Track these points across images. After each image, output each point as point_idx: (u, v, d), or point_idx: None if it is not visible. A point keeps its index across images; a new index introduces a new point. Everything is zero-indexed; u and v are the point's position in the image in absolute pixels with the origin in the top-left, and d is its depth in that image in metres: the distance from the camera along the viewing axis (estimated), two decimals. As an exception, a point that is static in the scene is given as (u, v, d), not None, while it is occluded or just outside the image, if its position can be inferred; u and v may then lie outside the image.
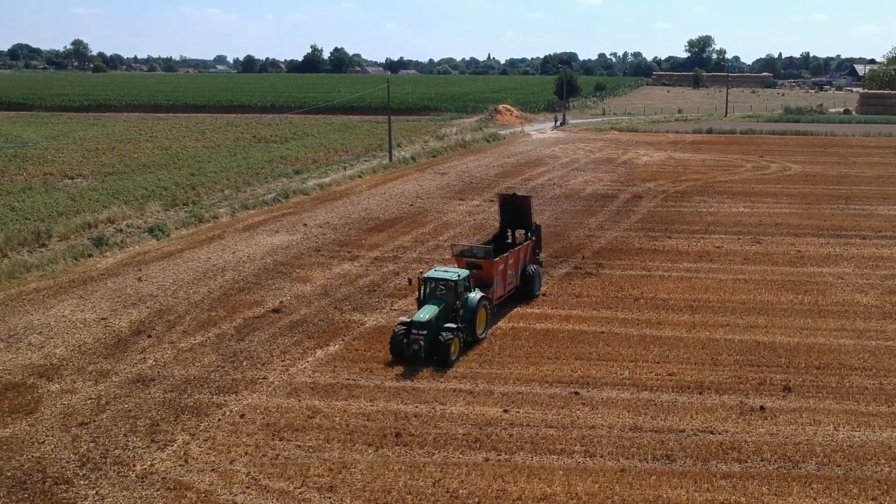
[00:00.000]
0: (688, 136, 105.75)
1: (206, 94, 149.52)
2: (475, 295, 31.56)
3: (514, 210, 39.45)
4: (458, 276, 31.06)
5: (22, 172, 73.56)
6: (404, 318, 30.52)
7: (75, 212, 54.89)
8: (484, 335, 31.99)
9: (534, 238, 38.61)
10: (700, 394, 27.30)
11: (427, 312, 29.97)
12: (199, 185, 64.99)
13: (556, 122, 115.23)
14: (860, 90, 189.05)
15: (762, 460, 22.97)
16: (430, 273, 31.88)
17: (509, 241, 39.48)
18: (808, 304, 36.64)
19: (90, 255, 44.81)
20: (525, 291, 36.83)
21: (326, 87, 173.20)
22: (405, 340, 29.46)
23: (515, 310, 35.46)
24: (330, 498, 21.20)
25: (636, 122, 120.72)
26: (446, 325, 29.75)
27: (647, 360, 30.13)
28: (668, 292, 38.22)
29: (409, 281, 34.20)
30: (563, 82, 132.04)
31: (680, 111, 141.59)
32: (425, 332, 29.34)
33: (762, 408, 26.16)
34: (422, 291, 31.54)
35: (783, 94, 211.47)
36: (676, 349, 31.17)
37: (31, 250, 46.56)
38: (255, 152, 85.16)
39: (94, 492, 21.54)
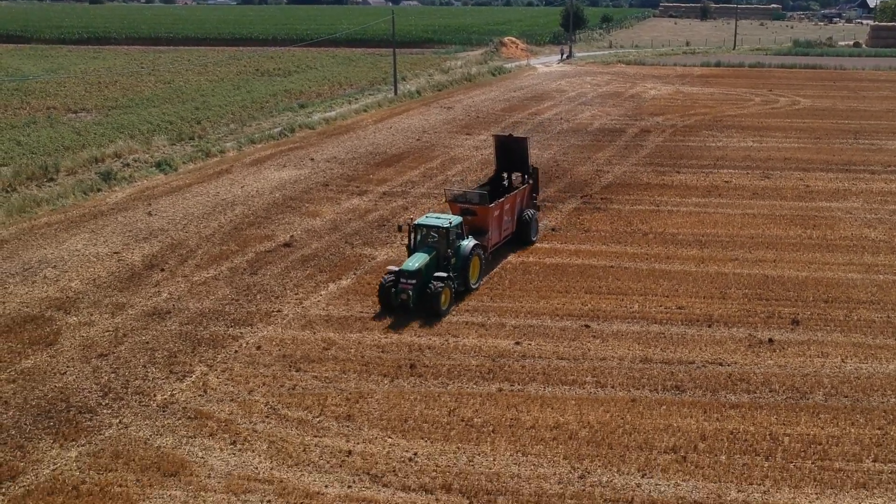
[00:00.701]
0: (696, 69, 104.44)
1: (206, 27, 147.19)
2: (468, 243, 30.20)
3: (511, 152, 37.68)
4: (451, 223, 29.65)
5: (25, 106, 73.01)
6: (393, 268, 29.18)
7: (81, 146, 54.69)
8: (477, 285, 30.67)
9: (531, 181, 37.10)
10: (709, 327, 27.66)
11: (416, 261, 28.57)
12: (205, 120, 64.58)
13: (562, 55, 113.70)
14: (871, 23, 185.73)
15: (770, 391, 23.42)
16: (421, 220, 30.31)
17: (506, 184, 37.98)
18: (817, 238, 36.79)
19: (99, 190, 44.87)
20: (521, 238, 35.50)
21: (328, 19, 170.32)
22: (393, 290, 28.22)
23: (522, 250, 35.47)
24: (348, 426, 21.72)
25: (643, 55, 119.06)
26: (437, 274, 28.52)
27: (656, 294, 30.43)
28: (676, 227, 38.35)
29: (399, 227, 31.85)
30: (569, 14, 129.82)
31: (688, 44, 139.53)
32: (414, 281, 28.01)
33: (770, 340, 26.53)
34: (412, 239, 30.09)
35: (792, 27, 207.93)
36: (685, 283, 31.44)
37: (39, 185, 46.62)
38: (258, 86, 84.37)
39: (118, 420, 22.06)
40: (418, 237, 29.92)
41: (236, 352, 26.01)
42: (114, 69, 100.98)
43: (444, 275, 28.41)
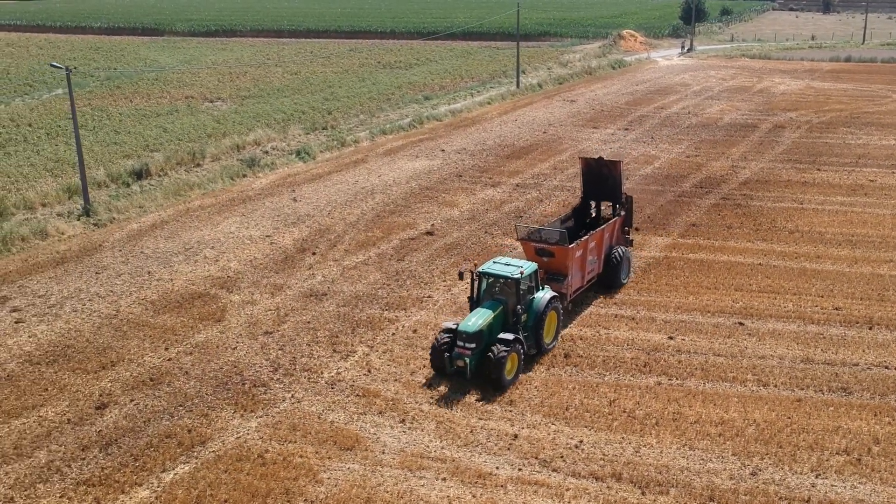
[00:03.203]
0: (824, 64, 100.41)
1: (326, 20, 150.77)
2: (543, 295, 25.17)
3: (601, 178, 31.92)
4: (522, 272, 24.39)
5: (165, 95, 76.65)
6: (448, 324, 24.51)
7: (222, 134, 57.22)
8: (553, 344, 25.65)
9: (623, 213, 31.50)
10: (870, 329, 26.87)
11: (478, 319, 23.65)
12: (335, 110, 66.39)
13: (683, 48, 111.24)
14: None
15: (944, 397, 22.64)
16: (487, 267, 25.05)
17: (593, 215, 32.59)
18: (978, 242, 35.11)
19: (244, 176, 46.86)
20: (608, 281, 30.04)
21: (442, 11, 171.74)
22: (447, 355, 23.49)
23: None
24: (511, 410, 22.21)
25: (767, 49, 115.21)
26: (502, 335, 23.59)
27: (809, 294, 29.73)
28: (823, 226, 37.25)
29: (461, 275, 25.07)
30: (689, 7, 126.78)
31: (813, 38, 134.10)
32: (473, 345, 23.24)
33: (939, 345, 25.60)
34: (475, 289, 25.10)
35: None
36: (839, 283, 30.59)
37: (187, 169, 49.11)
38: (381, 77, 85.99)
39: (290, 395, 23.19)
40: (483, 287, 25.04)
41: (394, 334, 26.87)
42: (242, 60, 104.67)
43: (511, 337, 23.49)
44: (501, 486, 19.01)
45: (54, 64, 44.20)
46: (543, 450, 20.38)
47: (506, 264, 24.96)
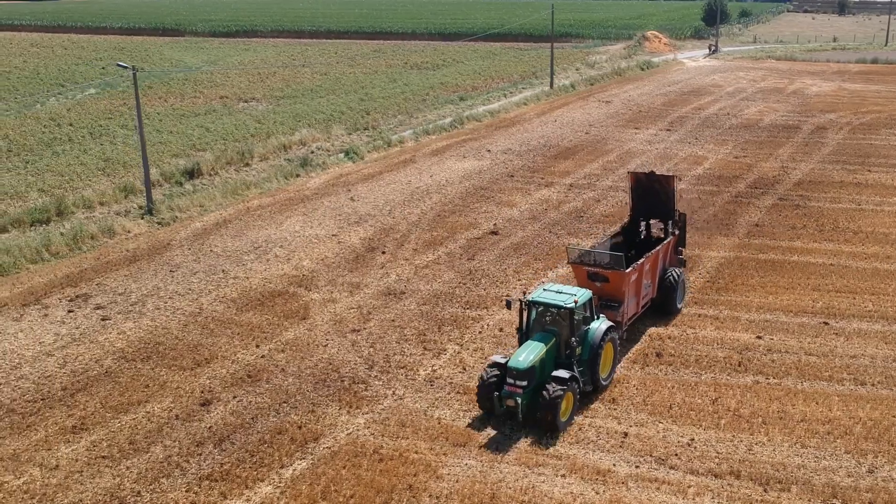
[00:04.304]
0: (852, 65, 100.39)
1: (346, 20, 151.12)
2: (599, 325, 22.83)
3: (652, 194, 29.36)
4: (576, 300, 22.06)
5: (199, 95, 76.91)
6: (498, 358, 21.98)
7: (266, 134, 57.44)
8: (609, 380, 23.32)
9: (676, 232, 28.91)
10: (956, 329, 26.94)
11: (529, 354, 21.40)
12: (373, 111, 66.57)
13: (710, 49, 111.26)
14: None
15: None
16: (537, 295, 22.59)
17: (642, 234, 30.30)
18: None
19: (297, 175, 47.06)
20: (663, 306, 27.72)
21: (462, 12, 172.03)
22: (497, 394, 21.18)
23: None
24: (615, 409, 22.32)
25: (791, 51, 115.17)
26: (556, 373, 21.37)
27: (887, 294, 29.79)
28: (885, 227, 37.30)
29: (508, 304, 22.96)
30: (711, 8, 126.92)
31: (835, 39, 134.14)
32: (525, 383, 20.98)
33: None
34: (524, 319, 22.71)
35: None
36: (916, 284, 30.66)
37: (237, 169, 49.34)
38: (413, 78, 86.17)
39: (391, 392, 23.33)
40: (533, 317, 22.70)
41: (480, 332, 27.00)
42: (268, 61, 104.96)
43: (567, 374, 21.26)
44: (622, 482, 19.12)
45: (121, 64, 44.46)
46: (656, 448, 20.48)
47: (557, 292, 22.62)
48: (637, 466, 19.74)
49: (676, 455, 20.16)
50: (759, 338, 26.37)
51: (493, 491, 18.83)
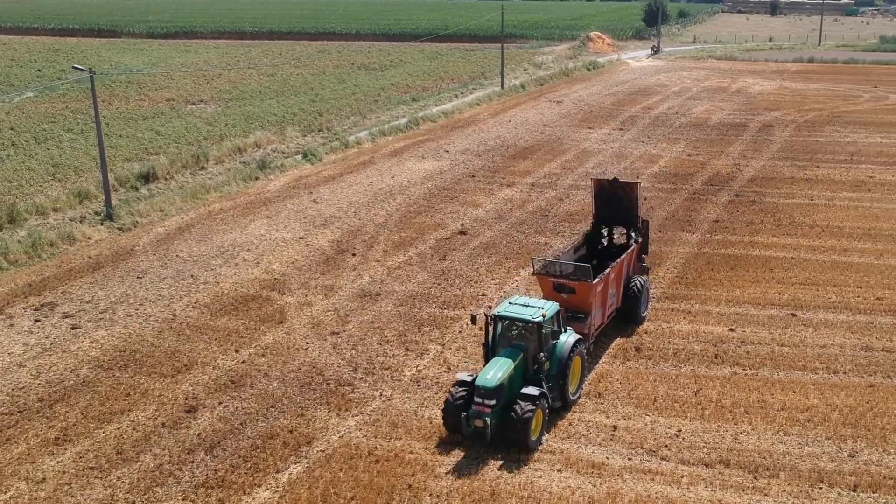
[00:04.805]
0: (790, 65, 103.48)
1: (288, 21, 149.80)
2: (567, 339, 22.16)
3: (615, 200, 29.19)
4: (544, 314, 21.28)
5: (144, 98, 75.38)
6: (463, 376, 21.23)
7: (218, 136, 56.59)
8: (577, 396, 22.60)
9: (640, 239, 28.82)
10: (916, 317, 28.06)
11: (497, 371, 20.52)
12: (325, 112, 66.13)
13: (652, 50, 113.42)
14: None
15: None
16: (503, 309, 21.76)
17: (605, 241, 30.01)
18: None
19: (256, 178, 46.52)
20: (628, 315, 27.16)
21: (404, 13, 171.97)
22: (464, 414, 20.30)
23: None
24: (602, 403, 22.66)
25: (730, 51, 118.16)
26: (525, 390, 20.56)
27: (848, 285, 30.85)
28: (839, 220, 38.61)
29: (473, 319, 22.19)
30: (652, 9, 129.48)
31: (771, 39, 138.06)
32: (493, 402, 20.14)
33: (985, 331, 26.84)
34: (490, 334, 21.84)
35: (867, 23, 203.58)
36: (873, 275, 31.79)
37: (193, 172, 48.51)
38: (362, 79, 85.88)
39: (379, 393, 23.29)
40: (498, 331, 21.88)
41: (460, 332, 27.13)
42: (211, 62, 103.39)
43: (537, 392, 20.48)
44: (617, 475, 19.46)
45: (77, 66, 43.18)
46: (646, 440, 20.88)
47: (524, 305, 21.74)
48: (630, 458, 20.11)
49: (666, 446, 20.59)
50: (731, 330, 27.07)
51: (493, 488, 18.97)
